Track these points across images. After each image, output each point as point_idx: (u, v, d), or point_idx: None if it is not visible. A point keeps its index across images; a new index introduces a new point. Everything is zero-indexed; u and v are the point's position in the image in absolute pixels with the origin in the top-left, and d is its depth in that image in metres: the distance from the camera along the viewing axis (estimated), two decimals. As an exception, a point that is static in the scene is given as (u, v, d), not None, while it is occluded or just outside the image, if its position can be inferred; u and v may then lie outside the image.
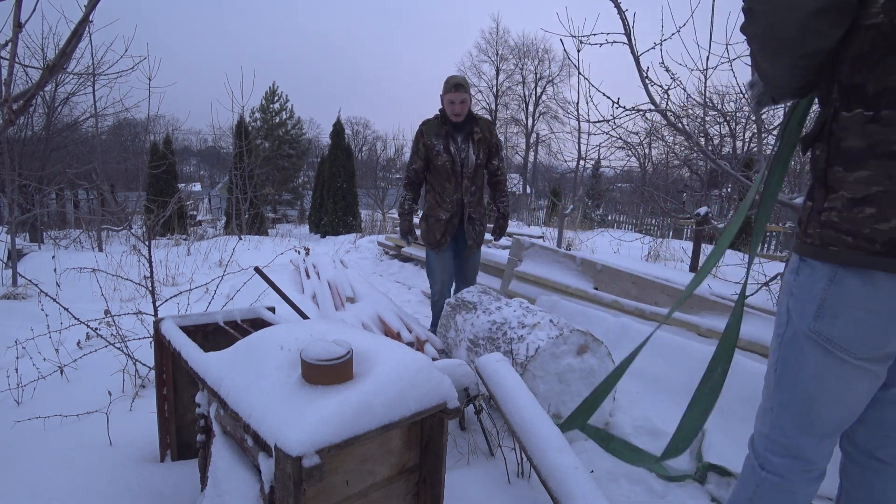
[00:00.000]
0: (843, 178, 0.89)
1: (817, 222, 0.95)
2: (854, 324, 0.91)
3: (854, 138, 0.87)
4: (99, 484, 1.64)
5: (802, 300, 0.98)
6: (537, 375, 2.04)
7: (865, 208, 0.86)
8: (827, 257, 0.92)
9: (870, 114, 0.85)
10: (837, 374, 0.97)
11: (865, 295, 0.89)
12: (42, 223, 8.90)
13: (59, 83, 9.10)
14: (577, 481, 1.39)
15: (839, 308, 0.92)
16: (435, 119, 3.04)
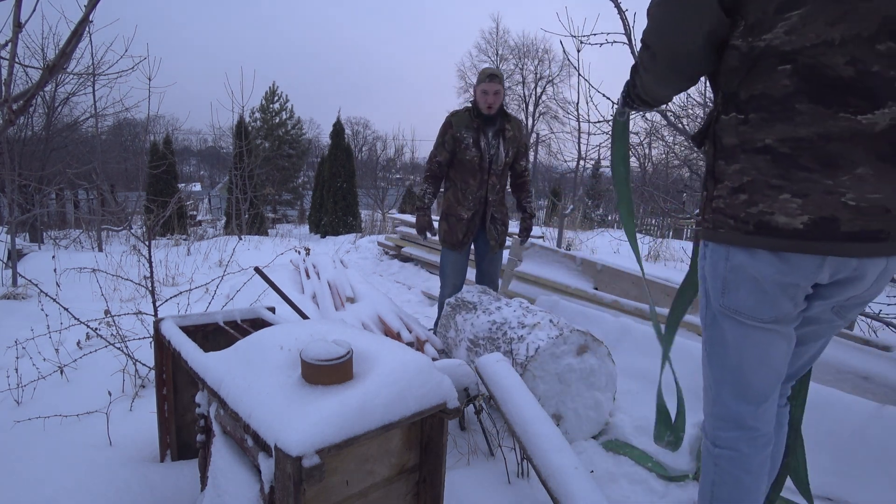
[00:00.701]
0: (725, 171, 1.06)
1: (710, 209, 1.10)
2: (751, 293, 1.06)
3: (729, 137, 1.04)
4: (99, 484, 1.64)
5: (712, 281, 1.12)
6: (537, 375, 2.04)
7: (741, 195, 1.02)
8: (718, 238, 1.07)
9: (741, 117, 1.01)
10: (754, 341, 1.10)
11: (751, 268, 1.04)
12: (42, 223, 8.90)
13: (59, 83, 9.09)
14: (577, 481, 1.39)
15: (737, 282, 1.07)
16: (465, 111, 2.92)
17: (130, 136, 17.10)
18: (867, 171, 0.92)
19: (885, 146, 0.91)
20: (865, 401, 1.93)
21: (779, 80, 0.96)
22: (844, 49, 0.89)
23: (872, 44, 0.88)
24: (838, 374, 2.37)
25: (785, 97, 0.95)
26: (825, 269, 0.99)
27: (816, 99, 0.93)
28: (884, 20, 0.87)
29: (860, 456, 1.80)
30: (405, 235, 7.14)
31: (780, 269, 1.01)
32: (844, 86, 0.91)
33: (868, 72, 0.89)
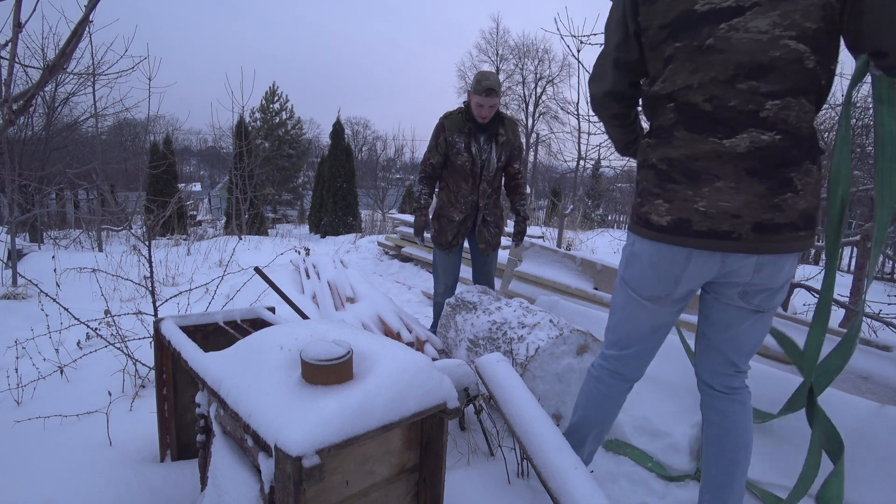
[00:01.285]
0: (636, 180, 1.41)
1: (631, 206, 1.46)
2: (637, 272, 1.39)
3: (640, 155, 1.39)
4: (99, 484, 1.64)
5: (622, 257, 1.47)
6: (537, 375, 2.04)
7: (638, 199, 1.37)
8: (629, 229, 1.43)
9: (649, 141, 1.34)
10: (630, 306, 1.45)
11: (641, 253, 1.37)
12: (42, 223, 8.90)
13: (59, 83, 9.09)
14: (577, 481, 1.39)
15: (632, 262, 1.40)
16: (458, 113, 2.87)
17: (130, 136, 17.09)
18: (727, 185, 1.18)
19: (751, 162, 1.16)
20: (865, 401, 1.93)
21: (667, 114, 1.27)
22: (703, 90, 1.18)
23: (731, 84, 1.15)
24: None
25: (669, 127, 1.27)
26: (694, 262, 1.26)
27: (689, 128, 1.22)
28: (738, 66, 1.14)
29: (860, 456, 1.80)
30: (405, 235, 7.14)
31: (656, 256, 1.32)
32: (709, 118, 1.19)
33: (725, 106, 1.16)
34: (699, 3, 1.15)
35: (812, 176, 1.19)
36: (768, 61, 1.12)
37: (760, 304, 1.32)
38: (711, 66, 1.16)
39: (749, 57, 1.12)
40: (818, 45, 1.11)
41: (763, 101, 1.14)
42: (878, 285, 5.68)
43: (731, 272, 1.26)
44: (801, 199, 1.18)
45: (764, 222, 1.18)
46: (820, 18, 1.09)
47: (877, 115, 1.27)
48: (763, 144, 1.15)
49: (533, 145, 29.63)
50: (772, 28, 1.10)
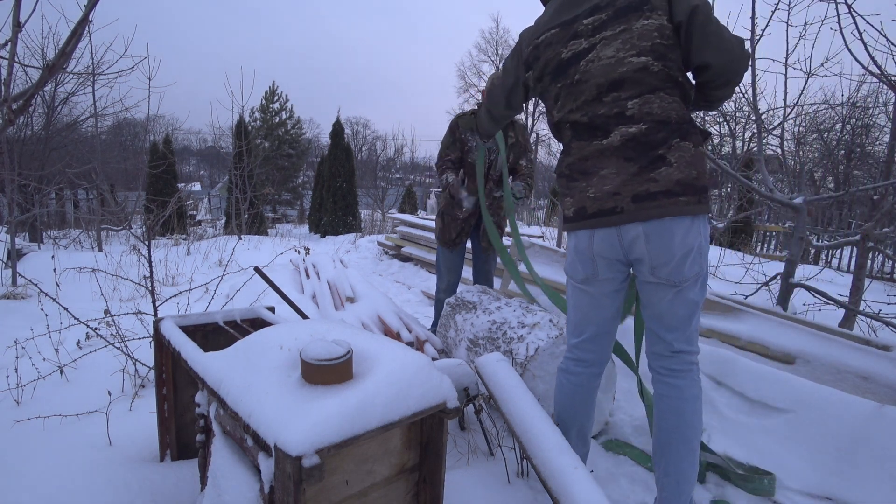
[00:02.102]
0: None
1: None
2: (569, 262, 1.62)
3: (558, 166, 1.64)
4: (98, 484, 1.64)
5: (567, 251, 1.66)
6: (537, 375, 2.04)
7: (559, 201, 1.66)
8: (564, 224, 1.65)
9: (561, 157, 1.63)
10: (573, 294, 1.66)
11: (569, 247, 1.61)
12: (42, 223, 8.90)
13: (58, 83, 9.09)
14: (577, 481, 1.39)
15: (569, 252, 1.63)
16: (471, 114, 2.94)
17: (130, 136, 17.09)
18: (609, 172, 1.45)
19: (627, 151, 1.43)
20: (865, 401, 1.93)
21: (565, 133, 1.59)
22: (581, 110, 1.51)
23: (598, 99, 1.47)
24: (838, 374, 2.37)
25: (568, 142, 1.58)
26: (596, 240, 1.50)
27: (579, 138, 1.53)
28: (598, 86, 1.47)
29: (860, 456, 1.80)
30: (405, 235, 7.14)
31: (573, 242, 1.58)
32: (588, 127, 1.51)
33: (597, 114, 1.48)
34: (563, 52, 1.52)
35: (685, 151, 1.40)
36: (619, 76, 1.44)
37: (669, 277, 1.44)
38: (582, 92, 1.50)
39: (605, 77, 1.45)
40: (658, 54, 1.41)
41: (625, 103, 1.44)
42: (878, 285, 5.69)
43: (629, 245, 1.45)
44: (675, 170, 1.38)
45: (640, 193, 1.40)
46: (655, 37, 1.41)
47: None
48: (630, 135, 1.42)
49: (533, 145, 29.61)
50: (616, 53, 1.44)
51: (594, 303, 1.60)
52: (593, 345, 1.64)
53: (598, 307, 1.60)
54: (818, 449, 1.88)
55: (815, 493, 1.80)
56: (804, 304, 3.84)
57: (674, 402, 1.50)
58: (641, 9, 1.42)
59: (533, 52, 1.62)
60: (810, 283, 3.55)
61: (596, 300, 1.59)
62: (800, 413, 2.00)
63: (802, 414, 1.99)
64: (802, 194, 3.28)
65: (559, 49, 1.53)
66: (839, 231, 7.37)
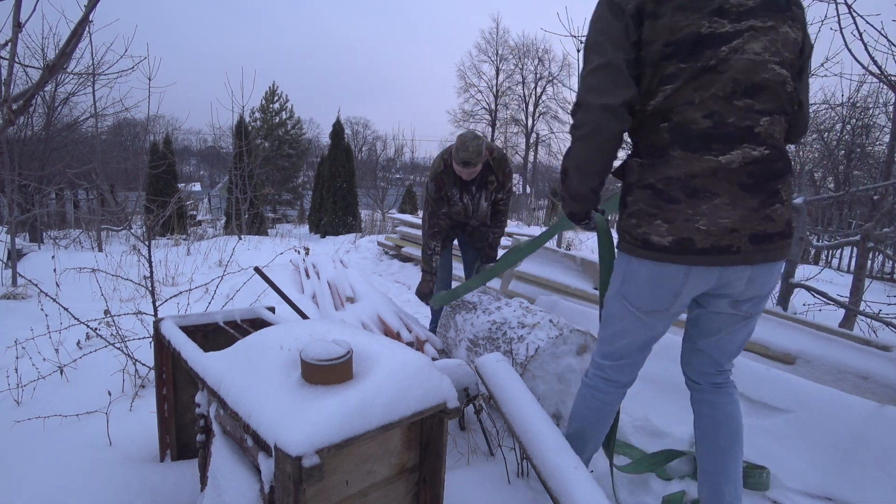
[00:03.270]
0: (626, 201, 1.38)
1: (618, 227, 1.43)
2: (637, 289, 1.39)
3: (630, 176, 1.36)
4: (99, 484, 1.64)
5: (617, 273, 1.46)
6: (537, 375, 2.04)
7: (632, 220, 1.35)
8: (621, 248, 1.42)
9: (640, 160, 1.34)
10: (627, 320, 1.45)
11: (639, 272, 1.37)
12: (42, 223, 8.90)
13: (59, 83, 9.09)
14: (577, 481, 1.39)
15: (631, 279, 1.40)
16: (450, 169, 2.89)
17: (130, 136, 17.09)
18: (723, 201, 1.22)
19: (743, 177, 1.21)
20: (865, 401, 1.93)
21: (660, 133, 1.27)
22: (703, 106, 1.21)
23: (730, 101, 1.20)
24: (838, 374, 2.37)
25: (664, 146, 1.27)
26: (692, 278, 1.29)
27: (685, 147, 1.24)
28: (735, 83, 1.19)
29: (860, 456, 1.80)
30: (405, 235, 7.14)
31: (656, 274, 1.33)
32: (705, 134, 1.22)
33: (724, 122, 1.21)
34: (703, 26, 1.20)
35: (791, 187, 1.30)
36: (761, 81, 1.21)
37: (749, 310, 1.39)
38: (712, 84, 1.20)
39: (745, 76, 1.20)
40: (793, 73, 1.25)
41: (758, 117, 1.21)
42: (878, 285, 5.69)
43: (727, 283, 1.31)
44: (785, 208, 1.27)
45: (759, 233, 1.24)
46: (795, 52, 1.24)
47: None
48: (752, 159, 1.21)
49: (533, 145, 29.63)
50: (763, 52, 1.20)
51: (651, 332, 1.46)
52: (631, 367, 1.54)
53: (650, 334, 1.47)
54: (818, 449, 1.88)
55: (815, 493, 1.80)
56: (804, 305, 3.84)
57: (728, 409, 1.49)
58: (786, 12, 1.22)
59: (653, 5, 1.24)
60: (810, 284, 3.55)
61: (651, 329, 1.45)
62: (800, 413, 2.00)
63: (802, 414, 1.99)
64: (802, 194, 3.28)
65: (698, 20, 1.20)
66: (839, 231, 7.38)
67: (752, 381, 2.17)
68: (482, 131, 31.79)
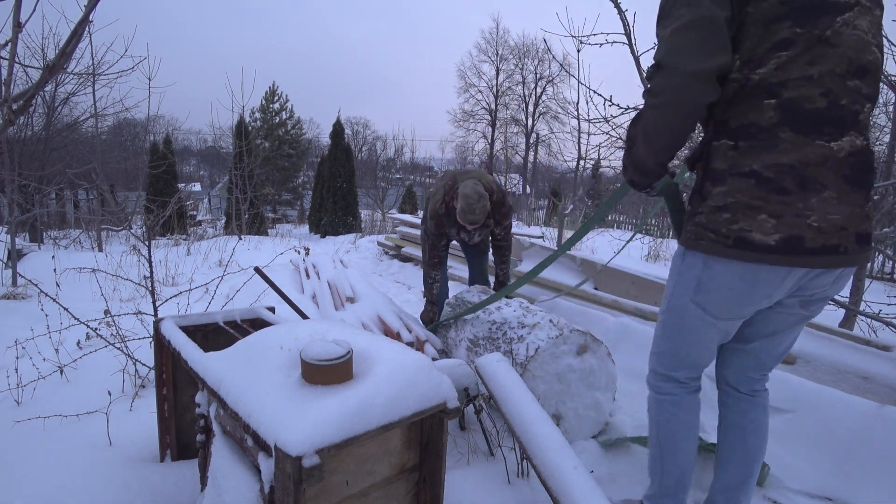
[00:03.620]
0: (711, 191, 1.19)
1: (692, 223, 1.24)
2: (719, 297, 1.23)
3: (719, 162, 1.17)
4: (98, 484, 1.64)
5: (686, 279, 1.29)
6: (537, 375, 2.04)
7: (723, 214, 1.15)
8: (698, 248, 1.22)
9: (731, 143, 1.15)
10: (705, 330, 1.32)
11: (725, 277, 1.20)
12: (42, 223, 8.90)
13: (59, 83, 9.09)
14: (577, 481, 1.39)
15: (711, 285, 1.23)
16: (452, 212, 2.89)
17: (130, 136, 17.09)
18: (831, 195, 1.09)
19: (846, 169, 1.09)
20: (865, 401, 1.93)
21: (765, 111, 1.10)
22: (821, 82, 1.07)
23: (844, 80, 1.08)
24: (838, 374, 2.37)
25: (770, 127, 1.10)
26: (789, 280, 1.16)
27: (796, 129, 1.08)
28: (849, 62, 1.07)
29: (860, 456, 1.80)
30: (405, 235, 7.14)
31: (749, 279, 1.17)
32: (819, 116, 1.08)
33: (838, 103, 1.08)
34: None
35: None
36: (866, 63, 1.09)
37: (816, 311, 1.29)
38: (828, 58, 1.06)
39: (856, 54, 1.07)
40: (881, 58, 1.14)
41: (864, 102, 1.10)
42: (878, 285, 5.68)
43: (817, 284, 1.19)
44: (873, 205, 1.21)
45: (862, 232, 1.13)
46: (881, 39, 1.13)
47: None
48: (856, 149, 1.10)
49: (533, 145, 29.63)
50: (868, 30, 1.09)
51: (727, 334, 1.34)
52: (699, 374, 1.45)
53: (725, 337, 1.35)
54: (818, 449, 1.88)
55: (815, 493, 1.80)
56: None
57: (761, 420, 1.44)
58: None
59: None
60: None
61: (727, 333, 1.33)
62: (800, 413, 2.00)
63: (802, 414, 1.99)
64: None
65: None
66: (839, 231, 7.34)
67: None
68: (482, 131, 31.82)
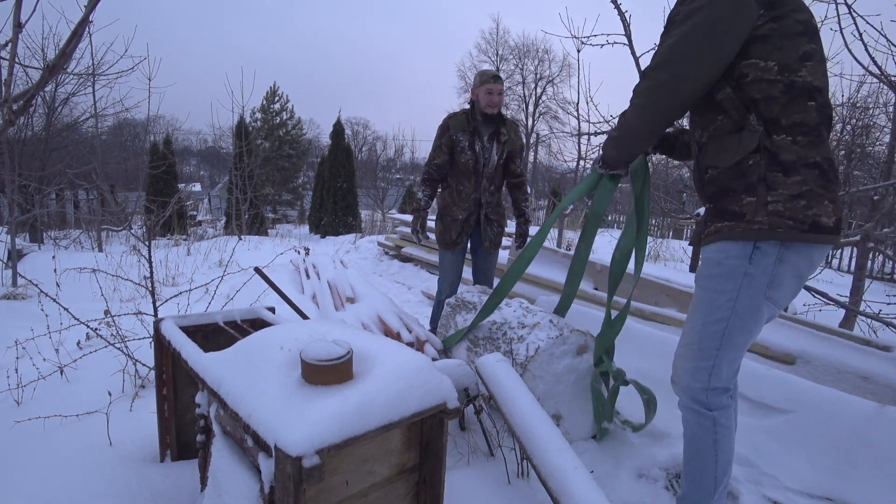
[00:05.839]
0: (783, 181, 1.27)
1: (765, 212, 1.28)
2: (788, 285, 1.32)
3: (788, 154, 1.27)
4: (98, 484, 1.64)
5: (759, 276, 1.31)
6: (537, 375, 2.04)
7: (801, 201, 1.26)
8: (776, 236, 1.27)
9: (790, 138, 1.27)
10: (757, 321, 1.35)
11: (796, 262, 1.29)
12: (42, 223, 8.90)
13: (59, 83, 9.09)
14: (577, 481, 1.39)
15: (783, 276, 1.30)
16: (462, 114, 2.96)
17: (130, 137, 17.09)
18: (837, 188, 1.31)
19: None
20: (865, 401, 1.93)
21: (810, 112, 1.27)
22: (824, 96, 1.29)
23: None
24: (838, 374, 2.37)
25: (815, 126, 1.27)
26: (818, 256, 1.31)
27: (827, 129, 1.29)
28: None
29: (860, 456, 1.80)
30: (405, 236, 7.14)
31: (813, 262, 1.30)
32: (828, 123, 1.30)
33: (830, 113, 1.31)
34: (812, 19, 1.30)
35: None
36: None
37: None
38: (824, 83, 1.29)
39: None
40: None
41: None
42: (878, 286, 5.69)
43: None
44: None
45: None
46: None
47: None
48: None
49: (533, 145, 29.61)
50: None
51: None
52: None
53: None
54: (818, 449, 1.88)
55: (815, 493, 1.80)
56: (804, 305, 3.84)
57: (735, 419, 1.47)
58: None
59: None
60: (810, 284, 3.55)
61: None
62: (800, 413, 2.00)
63: (802, 414, 1.99)
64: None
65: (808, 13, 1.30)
66: (839, 231, 7.35)
67: (752, 381, 2.16)
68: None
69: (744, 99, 1.31)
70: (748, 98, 1.31)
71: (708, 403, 1.42)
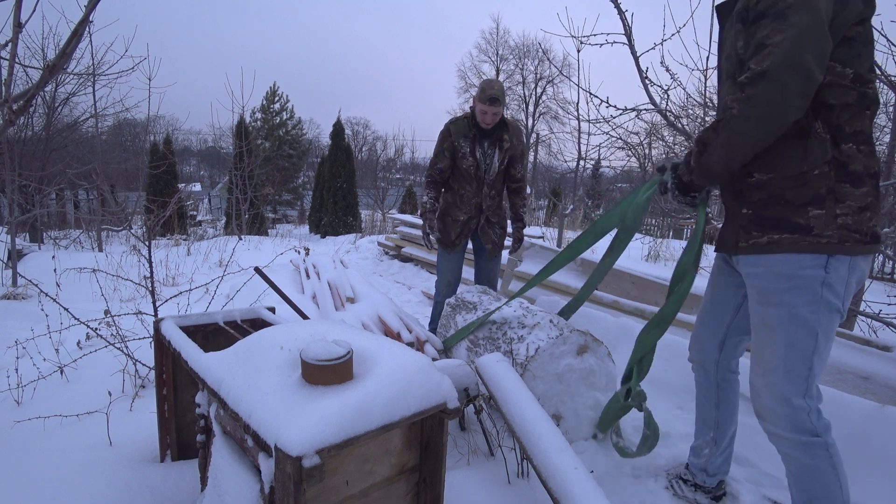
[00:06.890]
0: (852, 192, 1.22)
1: (835, 226, 1.23)
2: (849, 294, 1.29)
3: (856, 164, 1.22)
4: (99, 484, 1.64)
5: (837, 288, 1.26)
6: (537, 376, 2.04)
7: (867, 213, 1.23)
8: (846, 251, 1.23)
9: (855, 147, 1.22)
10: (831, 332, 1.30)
11: (862, 272, 1.28)
12: (42, 223, 8.91)
13: (59, 83, 9.11)
14: (577, 481, 1.39)
15: (851, 288, 1.27)
16: (464, 119, 2.95)
17: (130, 136, 17.11)
18: None
19: None
20: (865, 401, 1.93)
21: (865, 122, 1.24)
22: None
23: None
24: (838, 374, 2.37)
25: (870, 135, 1.25)
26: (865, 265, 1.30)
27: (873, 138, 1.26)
28: None
29: (860, 456, 1.80)
30: (405, 235, 7.14)
31: (866, 272, 1.30)
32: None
33: None
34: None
35: None
36: None
37: None
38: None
39: None
40: None
41: None
42: (878, 286, 5.68)
43: None
44: None
45: None
46: None
47: None
48: None
49: (533, 145, 29.61)
50: None
51: None
52: None
53: None
54: (818, 449, 1.88)
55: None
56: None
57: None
58: None
59: None
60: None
61: None
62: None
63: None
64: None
65: None
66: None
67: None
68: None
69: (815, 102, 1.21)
70: (820, 102, 1.21)
71: (815, 429, 1.30)
